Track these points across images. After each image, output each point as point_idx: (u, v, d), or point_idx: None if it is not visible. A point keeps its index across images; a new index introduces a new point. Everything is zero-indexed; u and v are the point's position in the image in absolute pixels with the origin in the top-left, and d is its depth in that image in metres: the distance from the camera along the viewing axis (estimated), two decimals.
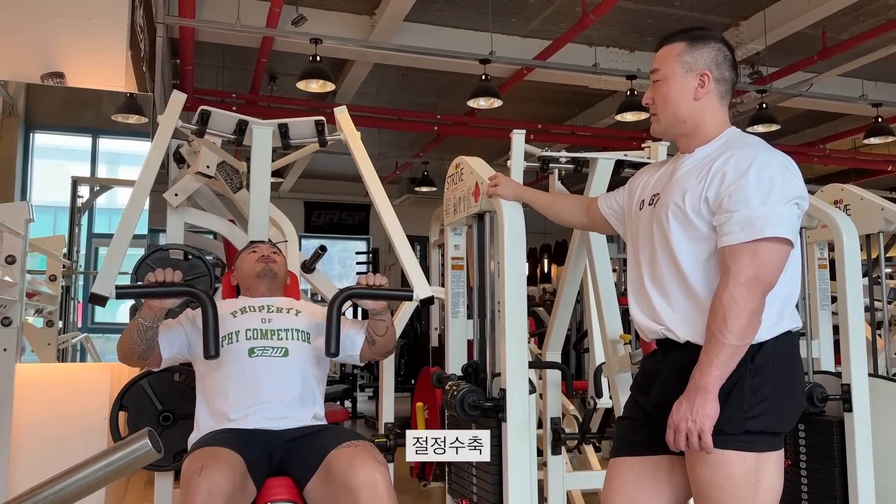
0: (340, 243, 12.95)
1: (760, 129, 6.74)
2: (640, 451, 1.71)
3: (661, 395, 1.65)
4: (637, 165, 2.85)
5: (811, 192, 2.96)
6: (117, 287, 2.02)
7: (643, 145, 3.03)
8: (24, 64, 3.36)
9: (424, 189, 10.47)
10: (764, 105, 6.93)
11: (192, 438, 2.18)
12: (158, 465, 2.47)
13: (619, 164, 2.88)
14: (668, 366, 1.67)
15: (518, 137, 2.78)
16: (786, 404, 1.60)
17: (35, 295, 3.34)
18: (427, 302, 2.25)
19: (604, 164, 2.84)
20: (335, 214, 12.87)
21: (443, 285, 2.71)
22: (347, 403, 7.64)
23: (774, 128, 6.86)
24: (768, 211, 1.54)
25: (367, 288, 2.14)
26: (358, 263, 11.02)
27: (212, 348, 1.98)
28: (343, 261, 13.03)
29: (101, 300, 2.01)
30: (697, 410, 1.51)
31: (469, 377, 2.27)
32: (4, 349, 2.65)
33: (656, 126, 1.78)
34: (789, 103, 7.67)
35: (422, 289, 2.24)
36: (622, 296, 3.53)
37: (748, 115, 7.22)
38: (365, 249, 11.80)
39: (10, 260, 2.63)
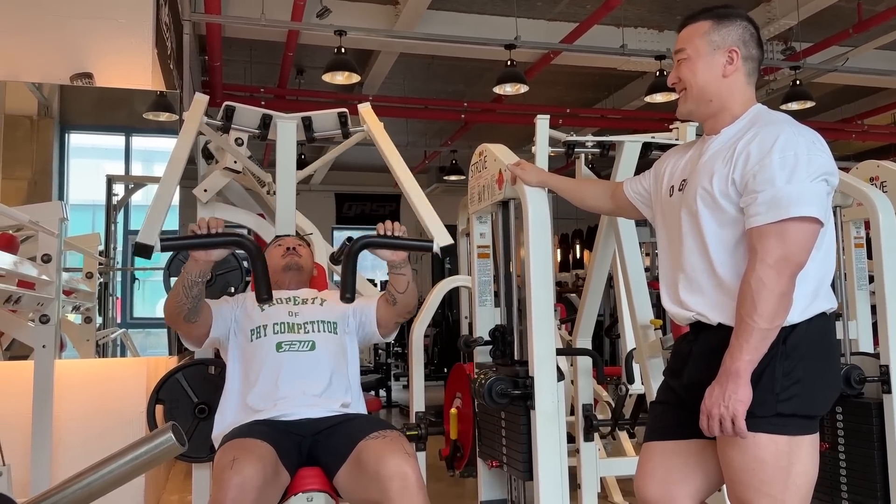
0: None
1: (795, 106, 6.58)
2: (673, 436, 1.70)
3: (693, 377, 1.64)
4: (664, 147, 2.81)
5: (848, 170, 2.88)
6: (162, 238, 1.89)
7: (671, 126, 2.99)
8: (53, 65, 3.42)
9: (453, 178, 10.45)
10: (798, 82, 6.76)
11: (217, 429, 2.20)
12: (195, 457, 2.50)
13: (647, 147, 2.84)
14: (700, 347, 1.65)
15: (542, 123, 2.75)
16: (819, 387, 1.57)
17: (73, 292, 3.41)
18: (448, 250, 2.09)
19: (630, 146, 2.80)
20: (366, 205, 12.95)
21: (470, 273, 2.70)
22: (382, 393, 7.70)
23: (809, 105, 6.69)
24: (794, 189, 1.51)
25: (385, 237, 2.04)
26: None
27: (263, 291, 1.93)
28: None
29: (146, 250, 1.86)
30: (730, 396, 1.49)
31: (496, 341, 2.29)
32: (44, 346, 2.71)
33: (683, 106, 1.76)
34: (824, 79, 7.47)
35: (442, 237, 2.10)
36: (654, 280, 3.48)
37: (782, 92, 7.06)
38: None
39: (46, 259, 2.68)
